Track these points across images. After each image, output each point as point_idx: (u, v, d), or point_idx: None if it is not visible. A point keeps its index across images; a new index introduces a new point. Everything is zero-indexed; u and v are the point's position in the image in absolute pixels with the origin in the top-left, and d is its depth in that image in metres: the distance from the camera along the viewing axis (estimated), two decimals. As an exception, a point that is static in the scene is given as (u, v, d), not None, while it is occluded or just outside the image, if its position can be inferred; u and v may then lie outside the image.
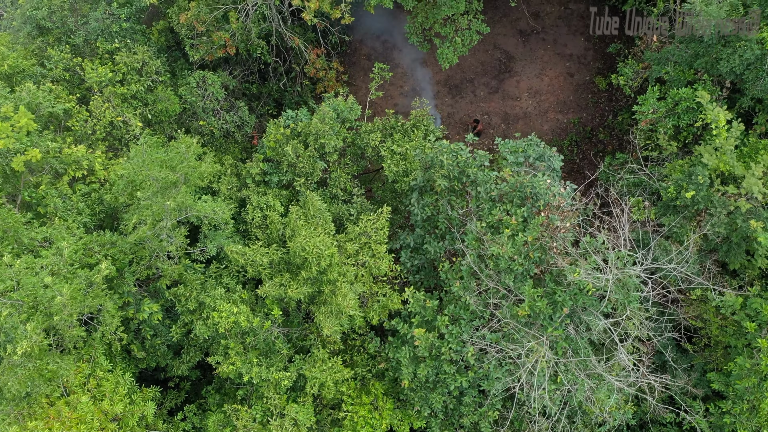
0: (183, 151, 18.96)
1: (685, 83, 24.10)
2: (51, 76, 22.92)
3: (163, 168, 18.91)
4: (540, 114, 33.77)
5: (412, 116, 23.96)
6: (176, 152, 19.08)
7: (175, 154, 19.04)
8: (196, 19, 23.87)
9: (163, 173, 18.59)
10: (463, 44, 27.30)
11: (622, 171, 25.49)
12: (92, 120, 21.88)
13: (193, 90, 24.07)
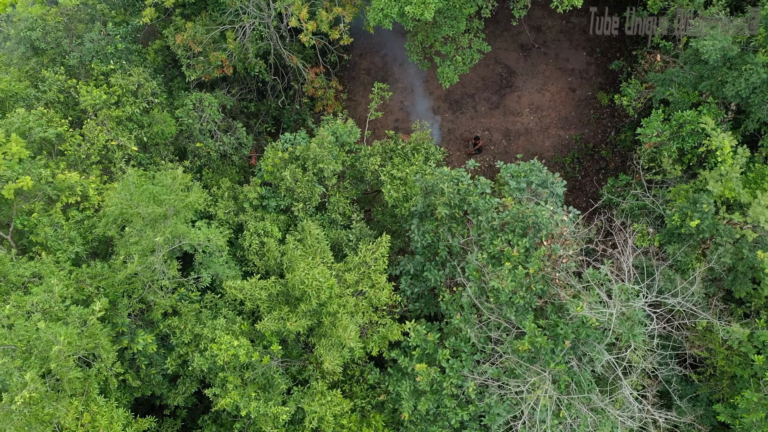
0: (170, 184, 18.57)
1: (689, 105, 23.74)
2: (45, 99, 22.55)
3: (150, 202, 18.52)
4: (541, 130, 33.39)
5: (412, 139, 23.59)
6: (163, 185, 18.70)
7: (161, 188, 18.66)
8: (192, 40, 23.50)
9: (151, 208, 18.21)
10: (464, 63, 26.93)
11: (625, 193, 25.13)
12: (86, 144, 21.50)
13: (189, 112, 23.69)
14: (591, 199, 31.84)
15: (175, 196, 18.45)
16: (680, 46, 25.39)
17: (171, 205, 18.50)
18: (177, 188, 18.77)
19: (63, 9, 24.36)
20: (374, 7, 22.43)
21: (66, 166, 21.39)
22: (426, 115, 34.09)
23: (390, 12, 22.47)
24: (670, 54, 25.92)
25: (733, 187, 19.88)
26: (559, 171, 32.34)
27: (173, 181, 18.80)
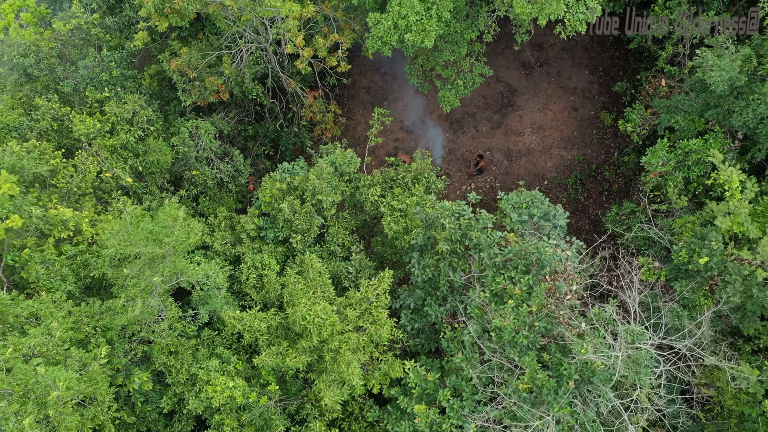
0: (170, 225, 18.12)
1: (695, 133, 23.31)
2: (38, 128, 22.09)
3: (149, 242, 18.08)
4: (543, 150, 32.94)
5: (413, 168, 23.13)
6: (162, 225, 18.26)
7: (161, 228, 18.22)
8: (188, 65, 23.04)
9: (150, 247, 17.77)
10: (465, 87, 26.48)
11: (629, 222, 24.67)
12: (78, 176, 21.04)
13: (185, 140, 23.23)
14: (594, 222, 31.41)
15: (175, 238, 18.00)
16: (685, 71, 24.96)
17: (171, 247, 18.06)
18: (178, 230, 18.32)
19: (57, 34, 23.93)
20: (373, 35, 21.98)
21: (58, 199, 20.93)
22: (426, 134, 33.65)
23: (389, 40, 22.01)
24: (675, 79, 25.48)
25: (741, 222, 19.43)
26: (562, 193, 31.91)
27: (174, 222, 18.34)
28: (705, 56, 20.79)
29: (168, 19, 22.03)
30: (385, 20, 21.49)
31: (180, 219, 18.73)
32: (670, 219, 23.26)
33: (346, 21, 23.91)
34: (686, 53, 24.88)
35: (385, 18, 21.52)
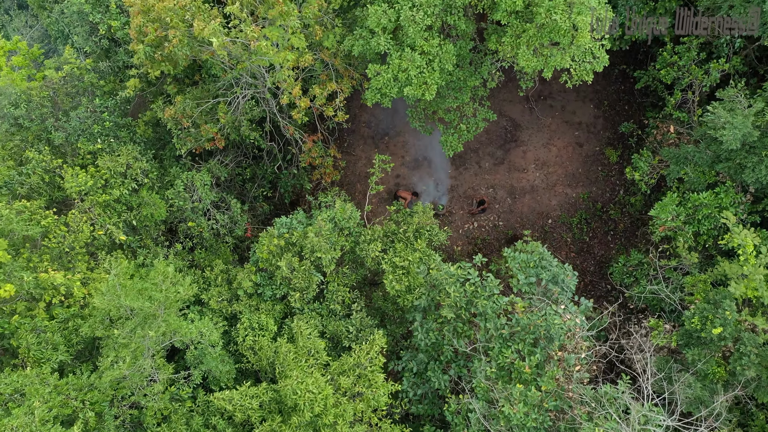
0: (160, 282, 17.51)
1: (705, 185, 22.64)
2: (29, 183, 21.42)
3: (140, 299, 17.45)
4: (548, 188, 32.26)
5: (415, 221, 22.45)
6: (153, 282, 17.64)
7: (152, 285, 17.61)
8: (182, 113, 22.38)
9: (139, 303, 17.15)
10: (468, 131, 25.81)
11: (638, 273, 23.98)
12: (71, 236, 20.37)
13: (180, 193, 22.56)
14: (599, 263, 30.73)
15: (165, 295, 17.39)
16: (695, 117, 24.30)
17: (161, 303, 17.44)
18: (167, 286, 17.71)
19: (49, 82, 23.28)
20: (372, 87, 21.33)
21: (50, 260, 20.26)
22: (428, 171, 32.99)
23: (389, 92, 21.37)
24: (684, 125, 24.82)
25: (756, 287, 18.76)
26: (566, 232, 31.24)
27: (164, 279, 17.73)
28: (717, 113, 20.13)
29: (160, 66, 21.37)
30: (385, 73, 20.84)
31: (170, 274, 18.15)
32: (680, 273, 22.59)
33: (345, 68, 23.25)
34: (695, 100, 24.21)
35: (385, 70, 20.88)
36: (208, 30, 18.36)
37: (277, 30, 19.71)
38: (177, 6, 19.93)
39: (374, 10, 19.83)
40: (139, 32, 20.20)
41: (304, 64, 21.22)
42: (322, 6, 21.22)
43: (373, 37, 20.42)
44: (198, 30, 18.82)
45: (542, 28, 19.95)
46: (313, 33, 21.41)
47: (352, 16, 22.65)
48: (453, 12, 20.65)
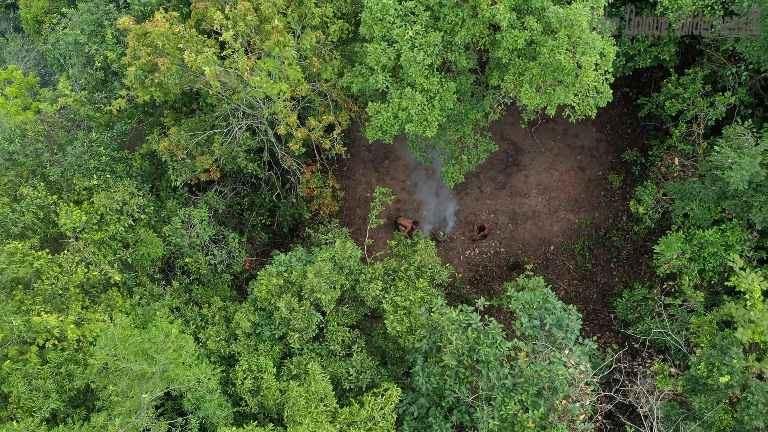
0: (161, 342, 17.10)
1: (710, 222, 22.27)
2: (22, 222, 21.05)
3: (139, 356, 17.06)
4: (550, 213, 31.89)
5: (417, 259, 22.06)
6: (154, 341, 17.24)
7: (152, 344, 17.20)
8: (177, 146, 22.00)
9: (139, 364, 16.75)
10: (469, 162, 25.43)
11: (642, 309, 23.61)
12: (64, 276, 20.00)
13: (177, 230, 22.18)
14: (602, 291, 30.36)
15: (166, 357, 16.98)
16: (699, 150, 23.93)
17: (162, 364, 17.05)
18: (169, 347, 17.31)
19: (44, 116, 22.91)
20: (373, 124, 20.96)
21: (43, 301, 19.88)
22: (428, 196, 32.61)
23: (390, 130, 21.02)
24: (689, 157, 24.45)
25: (763, 332, 18.40)
26: (569, 259, 30.85)
27: (165, 338, 17.33)
28: (723, 152, 19.77)
29: (150, 91, 20.96)
30: (385, 111, 20.48)
31: (173, 335, 17.74)
32: (685, 310, 22.22)
33: (343, 99, 22.89)
34: (700, 132, 23.84)
35: (386, 109, 20.51)
36: (201, 59, 17.99)
37: (272, 61, 19.34)
38: (170, 32, 19.54)
39: (373, 49, 19.47)
40: (134, 56, 19.85)
41: (301, 94, 20.83)
42: (320, 38, 20.85)
43: (373, 75, 20.05)
44: (190, 61, 18.44)
45: (545, 67, 19.59)
46: (311, 65, 21.03)
47: (350, 49, 22.28)
48: (453, 49, 20.28)
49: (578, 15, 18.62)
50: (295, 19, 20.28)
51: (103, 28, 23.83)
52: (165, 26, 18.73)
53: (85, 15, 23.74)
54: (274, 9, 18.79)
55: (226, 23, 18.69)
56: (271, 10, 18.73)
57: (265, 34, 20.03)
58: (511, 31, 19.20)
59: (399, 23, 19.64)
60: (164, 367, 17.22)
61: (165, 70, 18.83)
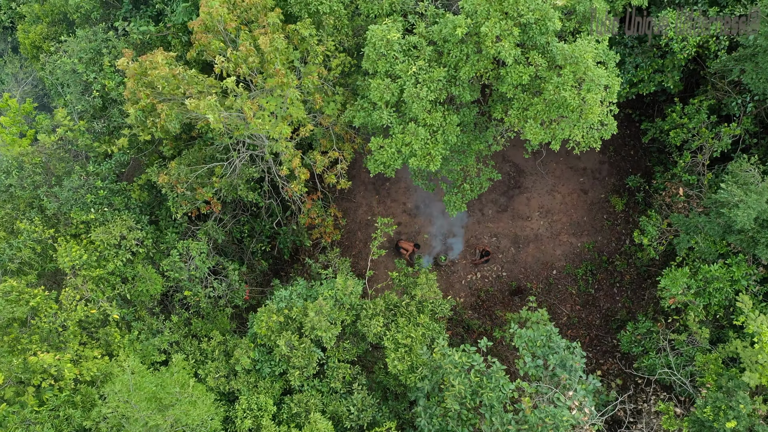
0: (176, 393, 16.81)
1: (716, 256, 22.03)
2: (19, 258, 20.76)
3: (151, 405, 16.76)
4: (552, 236, 31.63)
5: (418, 294, 21.79)
6: (168, 392, 16.94)
7: (166, 394, 16.91)
8: (176, 179, 21.72)
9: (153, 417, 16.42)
10: (471, 190, 25.16)
11: (646, 343, 23.35)
12: (62, 313, 19.71)
13: (176, 264, 21.90)
14: (605, 316, 30.10)
15: (181, 411, 16.69)
16: (705, 181, 23.69)
17: (174, 416, 16.76)
18: (184, 399, 17.03)
19: (41, 147, 22.62)
20: (376, 159, 20.70)
21: (40, 339, 19.60)
22: (430, 218, 32.35)
23: (393, 164, 20.76)
24: (694, 188, 24.20)
25: (771, 374, 18.14)
26: (571, 284, 30.60)
27: (181, 389, 17.03)
28: (729, 190, 19.52)
29: (151, 131, 20.75)
30: (388, 147, 20.22)
31: (190, 387, 17.44)
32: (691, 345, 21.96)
33: (346, 131, 22.63)
34: (706, 163, 23.61)
35: (389, 144, 20.25)
36: (203, 106, 17.72)
37: (275, 100, 19.08)
38: (170, 75, 19.28)
39: (376, 85, 19.20)
40: (133, 95, 19.59)
41: (304, 134, 20.60)
42: (322, 73, 20.58)
43: (376, 111, 19.80)
44: (192, 107, 18.18)
45: (550, 104, 19.33)
46: (314, 101, 20.77)
47: (353, 81, 22.02)
48: (457, 83, 20.02)
49: (583, 52, 18.38)
50: (297, 56, 20.01)
51: (101, 55, 23.57)
52: (166, 70, 18.45)
53: (83, 43, 23.48)
54: (275, 53, 18.51)
55: (227, 66, 18.43)
56: (273, 54, 18.45)
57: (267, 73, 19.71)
58: (516, 66, 18.95)
59: (402, 58, 19.39)
60: (176, 417, 16.95)
61: (165, 117, 18.57)
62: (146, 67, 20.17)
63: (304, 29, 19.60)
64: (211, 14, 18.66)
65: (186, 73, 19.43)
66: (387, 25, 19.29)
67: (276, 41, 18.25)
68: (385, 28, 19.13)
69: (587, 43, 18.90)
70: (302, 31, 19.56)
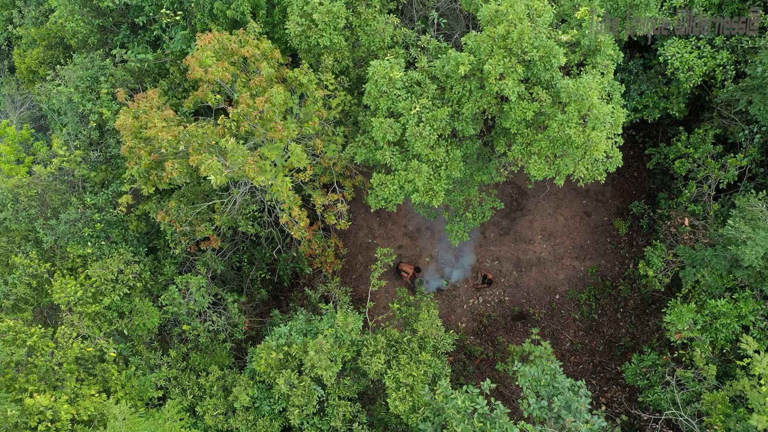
0: None
1: (723, 290, 21.70)
2: (14, 294, 20.43)
3: None
4: (555, 260, 31.30)
5: (420, 330, 21.46)
6: None
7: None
8: (176, 218, 21.39)
9: None
10: (474, 219, 24.81)
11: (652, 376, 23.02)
12: (59, 352, 19.38)
13: (174, 299, 21.57)
14: (608, 342, 29.76)
15: None
16: (710, 212, 23.34)
17: None
18: None
19: (37, 179, 22.28)
20: (377, 194, 20.36)
21: (36, 379, 19.26)
22: (431, 241, 32.01)
23: (395, 200, 20.43)
24: (699, 218, 23.86)
25: (779, 418, 17.80)
26: (574, 309, 30.27)
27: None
28: (737, 227, 19.19)
29: (155, 184, 20.53)
30: (390, 184, 19.88)
31: None
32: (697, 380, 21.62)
33: (346, 167, 22.31)
34: (711, 194, 23.27)
35: (391, 181, 19.92)
36: (206, 169, 17.45)
37: (275, 149, 18.77)
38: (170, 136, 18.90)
39: (378, 124, 18.84)
40: (133, 156, 19.28)
41: (305, 179, 20.30)
42: (322, 114, 20.24)
43: (379, 150, 19.49)
44: (196, 163, 17.92)
45: (555, 140, 18.99)
46: (314, 146, 20.47)
47: (352, 120, 21.70)
48: (461, 118, 19.68)
49: (588, 90, 18.03)
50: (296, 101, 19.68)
51: (98, 84, 23.25)
52: (166, 134, 18.11)
53: (80, 71, 23.15)
54: (274, 112, 18.21)
55: (229, 125, 18.15)
56: (272, 113, 18.13)
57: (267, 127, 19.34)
58: (520, 102, 18.61)
59: (404, 95, 19.04)
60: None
61: (177, 175, 18.29)
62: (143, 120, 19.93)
63: (303, 76, 19.29)
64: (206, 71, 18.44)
65: (186, 131, 19.08)
66: (389, 61, 18.94)
67: (275, 97, 17.95)
68: (387, 64, 18.78)
69: (592, 78, 18.57)
70: (301, 78, 19.24)
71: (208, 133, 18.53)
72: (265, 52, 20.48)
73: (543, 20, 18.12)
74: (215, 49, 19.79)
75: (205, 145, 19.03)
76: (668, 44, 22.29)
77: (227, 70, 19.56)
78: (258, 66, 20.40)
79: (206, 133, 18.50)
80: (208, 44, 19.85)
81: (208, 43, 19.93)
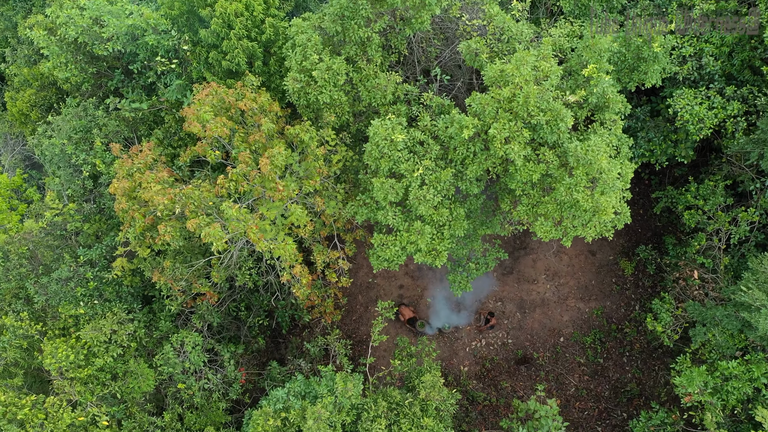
0: None
1: (734, 350, 21.08)
2: (5, 359, 19.80)
3: None
4: (559, 301, 30.66)
5: (422, 394, 20.82)
6: None
7: None
8: (172, 278, 20.77)
9: None
10: (477, 269, 24.20)
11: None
12: (49, 424, 18.73)
13: (169, 360, 20.93)
14: (614, 387, 29.11)
15: None
16: (720, 266, 22.72)
17: None
18: None
19: (28, 235, 21.65)
20: (380, 256, 19.74)
21: (26, 450, 18.65)
22: (432, 281, 31.38)
23: (398, 260, 19.81)
24: (709, 271, 23.24)
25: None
26: (579, 353, 29.63)
27: None
28: (751, 293, 18.57)
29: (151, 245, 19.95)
30: (392, 245, 19.27)
31: None
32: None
33: (347, 222, 21.72)
34: (722, 247, 22.66)
35: (393, 242, 19.31)
36: (206, 235, 16.85)
37: (275, 209, 18.16)
38: (166, 200, 18.30)
39: (380, 184, 18.23)
40: (127, 219, 18.67)
41: (305, 234, 19.70)
42: (323, 171, 19.64)
43: (380, 211, 18.89)
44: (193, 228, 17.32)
45: (562, 204, 18.39)
46: (315, 203, 19.87)
47: (353, 174, 21.10)
48: (464, 178, 19.08)
49: (597, 153, 17.43)
50: (296, 158, 19.08)
51: (91, 134, 22.65)
52: (162, 198, 17.50)
53: (73, 121, 22.55)
54: (275, 173, 17.60)
55: (228, 185, 17.55)
56: (273, 174, 17.53)
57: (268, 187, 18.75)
58: (526, 165, 17.99)
59: (407, 155, 18.44)
60: None
61: (170, 238, 17.69)
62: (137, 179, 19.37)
63: (304, 133, 18.69)
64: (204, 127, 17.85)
65: (182, 194, 18.47)
66: (390, 121, 18.33)
67: (276, 158, 17.37)
68: (388, 124, 18.18)
69: (600, 140, 17.98)
70: (302, 135, 18.63)
71: (205, 195, 17.93)
72: (263, 106, 19.92)
73: (550, 83, 17.53)
74: (213, 104, 19.23)
75: (203, 207, 18.43)
76: (678, 95, 21.71)
77: (225, 126, 19.01)
78: (257, 120, 19.84)
79: (203, 195, 17.89)
80: (206, 98, 19.28)
81: (206, 97, 19.36)
